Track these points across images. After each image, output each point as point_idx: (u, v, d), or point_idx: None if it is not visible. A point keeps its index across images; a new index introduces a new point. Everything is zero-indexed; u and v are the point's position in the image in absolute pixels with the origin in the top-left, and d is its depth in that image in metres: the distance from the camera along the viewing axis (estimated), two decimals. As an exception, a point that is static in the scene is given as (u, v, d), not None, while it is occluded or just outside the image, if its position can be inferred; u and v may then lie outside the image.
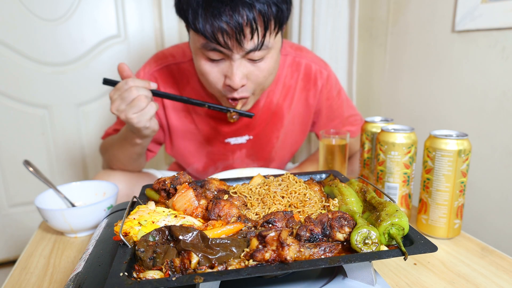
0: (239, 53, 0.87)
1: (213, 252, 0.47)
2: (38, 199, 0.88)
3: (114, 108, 0.89)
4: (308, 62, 1.14)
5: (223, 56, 0.88)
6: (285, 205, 0.63)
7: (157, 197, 0.67)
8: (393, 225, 0.50)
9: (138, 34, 1.91)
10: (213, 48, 0.87)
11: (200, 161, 1.21)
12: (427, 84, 1.53)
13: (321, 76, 1.15)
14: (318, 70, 1.14)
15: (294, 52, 1.14)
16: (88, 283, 0.51)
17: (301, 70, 1.14)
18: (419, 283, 0.65)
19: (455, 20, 1.35)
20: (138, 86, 0.87)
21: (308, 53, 1.17)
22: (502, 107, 1.25)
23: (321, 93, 1.16)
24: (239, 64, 0.89)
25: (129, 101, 0.87)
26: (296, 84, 1.14)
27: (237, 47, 0.85)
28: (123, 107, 0.87)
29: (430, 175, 0.79)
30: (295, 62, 1.13)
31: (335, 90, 1.19)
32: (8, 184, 1.87)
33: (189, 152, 1.20)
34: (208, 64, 0.92)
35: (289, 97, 1.14)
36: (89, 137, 1.96)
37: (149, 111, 0.88)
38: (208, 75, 0.93)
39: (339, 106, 1.20)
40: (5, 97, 1.77)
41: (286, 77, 1.13)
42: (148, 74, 1.11)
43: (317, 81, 1.15)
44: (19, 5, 1.68)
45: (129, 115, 0.87)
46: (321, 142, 1.03)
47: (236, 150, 1.18)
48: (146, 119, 0.88)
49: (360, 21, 1.84)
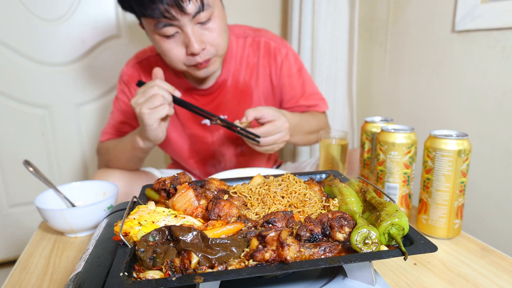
0: (186, 19, 0.94)
1: (213, 252, 0.47)
2: (38, 199, 0.88)
3: (133, 100, 0.95)
4: (267, 40, 1.22)
5: (176, 28, 0.96)
6: (285, 205, 0.63)
7: (157, 197, 0.67)
8: (393, 225, 0.50)
9: (138, 34, 1.90)
10: (164, 25, 0.95)
11: (185, 145, 1.28)
12: (427, 84, 1.53)
13: (279, 52, 1.22)
14: (277, 47, 1.22)
15: (253, 33, 1.23)
16: (88, 283, 0.51)
17: (261, 48, 1.22)
18: (419, 283, 0.65)
19: (455, 20, 1.35)
20: (161, 87, 0.93)
21: (267, 32, 1.25)
22: (502, 107, 1.25)
23: (281, 69, 1.23)
24: (192, 31, 0.97)
25: (147, 96, 0.92)
26: (258, 61, 1.22)
27: (182, 13, 0.93)
28: (141, 100, 0.93)
29: (430, 175, 0.79)
30: (255, 41, 1.22)
31: (295, 67, 1.25)
32: (8, 184, 1.87)
33: (174, 137, 1.26)
34: (166, 42, 1.00)
35: (255, 75, 1.22)
36: (89, 137, 1.96)
37: (161, 111, 0.92)
38: (169, 52, 1.01)
39: (301, 83, 1.26)
40: (5, 97, 1.76)
41: (249, 56, 1.21)
42: (131, 66, 1.22)
43: (277, 57, 1.22)
44: (19, 5, 1.68)
45: (143, 109, 0.92)
46: (321, 142, 1.03)
47: (214, 131, 1.24)
48: (156, 117, 0.93)
49: (360, 21, 1.84)
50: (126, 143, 1.10)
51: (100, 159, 1.24)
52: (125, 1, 0.96)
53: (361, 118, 1.93)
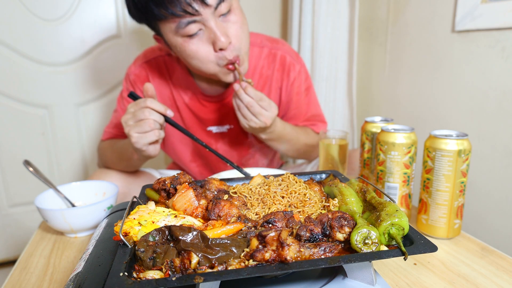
0: (208, 12, 0.91)
1: (213, 252, 0.47)
2: (38, 199, 0.88)
3: (123, 119, 0.93)
4: (283, 54, 1.20)
5: (199, 25, 0.93)
6: (285, 205, 0.63)
7: (157, 197, 0.67)
8: (393, 225, 0.50)
9: (138, 34, 1.90)
10: (186, 23, 0.91)
11: (187, 149, 1.26)
12: (427, 84, 1.53)
13: (294, 68, 1.20)
14: (292, 63, 1.20)
15: (271, 44, 1.20)
16: (88, 283, 0.51)
17: (276, 61, 1.19)
18: (419, 283, 0.65)
19: (455, 20, 1.35)
20: (153, 109, 0.90)
21: (284, 45, 1.22)
22: (502, 107, 1.25)
23: (292, 86, 1.21)
24: (216, 24, 0.93)
25: (137, 119, 0.90)
26: (272, 75, 1.20)
27: (204, 5, 0.90)
28: (130, 122, 0.91)
29: (430, 175, 0.79)
30: (271, 54, 1.19)
31: (304, 85, 1.23)
32: (8, 184, 1.87)
33: (178, 141, 1.25)
34: (190, 42, 0.95)
35: (267, 87, 1.20)
36: (89, 137, 1.96)
37: (150, 137, 0.91)
38: (197, 53, 0.97)
39: (307, 103, 1.25)
40: (5, 97, 1.76)
41: (263, 67, 1.19)
42: (138, 66, 1.18)
43: (290, 73, 1.20)
44: (19, 5, 1.68)
45: (131, 132, 0.90)
46: (321, 142, 1.03)
47: (219, 138, 1.23)
48: (144, 142, 0.91)
49: (360, 21, 1.84)
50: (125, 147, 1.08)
51: (99, 159, 1.24)
52: (141, 8, 0.92)
53: (361, 118, 1.93)
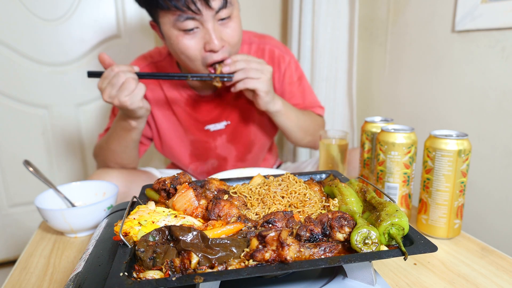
0: (209, 14, 0.93)
1: (213, 252, 0.47)
2: (38, 199, 0.88)
3: (106, 96, 0.94)
4: (272, 48, 1.23)
5: (197, 23, 0.95)
6: (285, 205, 0.63)
7: (157, 197, 0.67)
8: (393, 225, 0.50)
9: (138, 34, 1.90)
10: (185, 18, 0.93)
11: (186, 150, 1.27)
12: (427, 84, 1.53)
13: (283, 60, 1.23)
14: (281, 55, 1.23)
15: (258, 39, 1.23)
16: (88, 283, 0.51)
17: (265, 54, 1.22)
18: (419, 283, 0.65)
19: (455, 20, 1.35)
20: (124, 71, 0.93)
21: (272, 40, 1.26)
22: (502, 107, 1.25)
23: (284, 77, 1.23)
24: (213, 27, 0.96)
25: (118, 85, 0.92)
26: None
27: (207, 7, 0.92)
28: (114, 92, 0.93)
29: (430, 175, 0.79)
30: (260, 49, 1.22)
31: (296, 75, 1.25)
32: (8, 184, 1.87)
33: (176, 143, 1.26)
34: (184, 37, 0.97)
35: None
36: (89, 137, 1.96)
37: (140, 91, 0.94)
38: (187, 49, 0.98)
39: (301, 92, 1.26)
40: (5, 97, 1.76)
41: None
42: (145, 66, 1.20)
43: (280, 65, 1.23)
44: (19, 5, 1.68)
45: (121, 98, 0.92)
46: (321, 142, 1.03)
47: (217, 136, 1.24)
48: (138, 99, 0.94)
49: (360, 21, 1.84)
50: (117, 132, 1.08)
51: (97, 161, 1.23)
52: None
53: (361, 118, 1.93)
